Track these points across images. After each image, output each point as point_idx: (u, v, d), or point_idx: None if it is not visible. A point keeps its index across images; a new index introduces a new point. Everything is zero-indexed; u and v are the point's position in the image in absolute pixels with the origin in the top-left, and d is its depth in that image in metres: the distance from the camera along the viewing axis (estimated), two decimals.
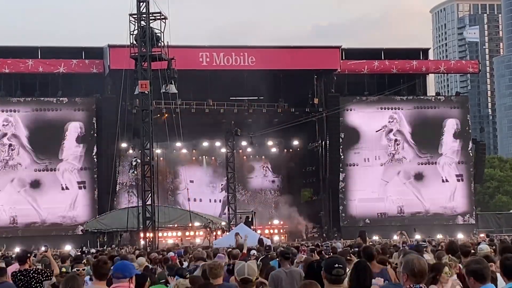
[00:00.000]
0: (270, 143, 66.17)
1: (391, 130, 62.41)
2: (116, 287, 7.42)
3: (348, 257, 13.62)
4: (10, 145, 57.15)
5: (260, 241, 28.08)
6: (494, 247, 13.97)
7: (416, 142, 62.74)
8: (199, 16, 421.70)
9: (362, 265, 7.89)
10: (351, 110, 61.53)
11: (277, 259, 13.33)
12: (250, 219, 55.37)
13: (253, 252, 18.86)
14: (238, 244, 28.29)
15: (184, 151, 63.71)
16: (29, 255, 12.40)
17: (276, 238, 55.12)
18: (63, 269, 11.67)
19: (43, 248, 24.33)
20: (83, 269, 11.12)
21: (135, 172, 45.64)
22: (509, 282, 6.76)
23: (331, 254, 17.45)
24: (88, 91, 58.61)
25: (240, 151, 64.24)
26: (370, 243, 27.70)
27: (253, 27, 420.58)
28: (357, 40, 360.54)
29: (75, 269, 11.11)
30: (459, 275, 9.81)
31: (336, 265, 6.56)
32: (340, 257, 8.11)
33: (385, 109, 62.40)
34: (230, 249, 19.59)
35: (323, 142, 61.86)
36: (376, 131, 61.98)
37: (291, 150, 67.85)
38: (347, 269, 7.13)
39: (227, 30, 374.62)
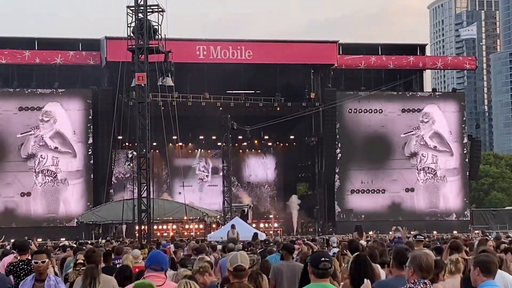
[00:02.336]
0: (266, 137, 66.22)
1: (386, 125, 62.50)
2: (150, 276, 7.21)
3: (344, 252, 13.64)
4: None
5: (255, 236, 28.11)
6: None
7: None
8: (196, 9, 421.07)
9: (362, 259, 7.90)
10: (350, 111, 61.50)
11: (278, 252, 13.30)
12: (245, 213, 55.49)
13: (239, 246, 18.58)
14: (229, 238, 28.43)
15: (180, 144, 63.63)
16: (29, 245, 12.47)
17: (270, 232, 55.27)
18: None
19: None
20: (43, 262, 9.42)
21: (131, 165, 45.56)
22: None
23: (326, 247, 17.47)
24: (84, 82, 58.56)
25: (236, 144, 64.27)
26: (367, 238, 27.72)
27: (249, 22, 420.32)
28: (353, 36, 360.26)
29: (33, 261, 9.62)
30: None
31: (323, 259, 6.57)
32: (325, 251, 8.13)
33: (382, 104, 62.50)
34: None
35: (319, 137, 61.85)
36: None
37: (287, 144, 67.91)
38: (344, 264, 7.15)
39: (223, 24, 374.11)
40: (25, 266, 10.44)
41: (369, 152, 61.32)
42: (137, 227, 41.70)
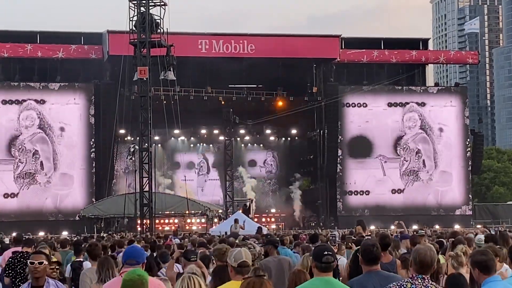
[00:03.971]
0: (268, 131, 66.15)
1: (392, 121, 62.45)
2: (126, 272, 6.92)
3: (349, 245, 13.61)
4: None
5: (259, 230, 28.10)
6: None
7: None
8: (198, 3, 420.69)
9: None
10: (350, 105, 61.45)
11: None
12: (247, 207, 55.44)
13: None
14: (232, 232, 28.39)
15: (182, 138, 63.70)
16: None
17: (272, 226, 55.24)
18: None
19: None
20: (40, 263, 7.90)
21: (133, 159, 45.57)
22: None
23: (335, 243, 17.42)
24: (86, 76, 58.46)
25: (238, 139, 64.27)
26: (369, 233, 27.59)
27: (250, 16, 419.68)
28: (355, 30, 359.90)
29: (29, 262, 8.13)
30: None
31: (326, 253, 6.52)
32: (328, 245, 8.08)
33: (384, 99, 62.41)
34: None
35: (322, 131, 61.78)
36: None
37: (289, 138, 67.83)
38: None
39: (225, 18, 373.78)
40: (22, 259, 10.46)
41: (369, 148, 61.37)
42: (139, 221, 41.76)
